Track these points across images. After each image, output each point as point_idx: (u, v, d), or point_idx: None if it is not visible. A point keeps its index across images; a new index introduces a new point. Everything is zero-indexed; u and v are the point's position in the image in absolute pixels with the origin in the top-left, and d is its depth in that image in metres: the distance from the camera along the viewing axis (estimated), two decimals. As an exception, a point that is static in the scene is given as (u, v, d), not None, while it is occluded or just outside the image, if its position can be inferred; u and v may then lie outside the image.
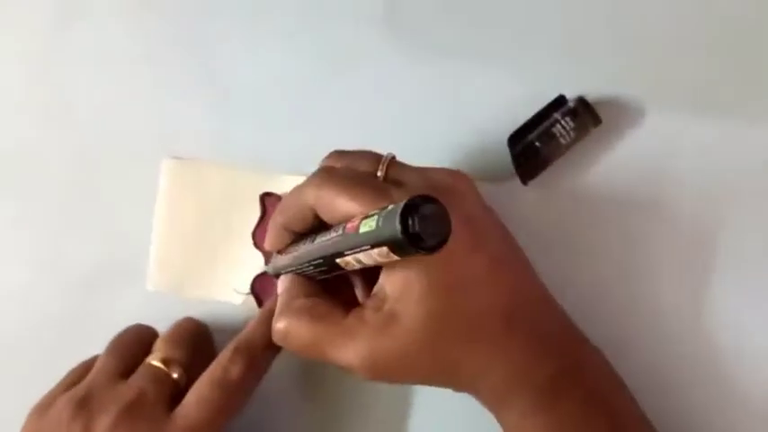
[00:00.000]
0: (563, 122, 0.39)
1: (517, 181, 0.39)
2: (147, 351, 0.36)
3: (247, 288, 0.41)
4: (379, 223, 0.26)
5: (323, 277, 0.34)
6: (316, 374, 0.40)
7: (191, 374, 0.35)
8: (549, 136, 0.39)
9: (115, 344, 0.37)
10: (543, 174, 0.39)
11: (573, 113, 0.39)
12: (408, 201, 0.25)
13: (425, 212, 0.25)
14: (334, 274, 0.32)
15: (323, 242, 0.31)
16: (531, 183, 0.39)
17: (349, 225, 0.28)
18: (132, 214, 0.41)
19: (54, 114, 0.42)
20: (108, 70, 0.42)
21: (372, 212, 0.27)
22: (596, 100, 0.39)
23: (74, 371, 0.37)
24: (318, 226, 0.33)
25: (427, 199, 0.25)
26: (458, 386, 0.34)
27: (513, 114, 0.40)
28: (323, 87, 0.41)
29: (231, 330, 0.39)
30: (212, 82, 0.42)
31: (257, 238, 0.41)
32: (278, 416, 0.40)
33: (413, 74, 0.41)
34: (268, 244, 0.36)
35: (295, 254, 0.34)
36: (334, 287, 0.34)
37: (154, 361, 0.35)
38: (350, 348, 0.31)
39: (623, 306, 0.39)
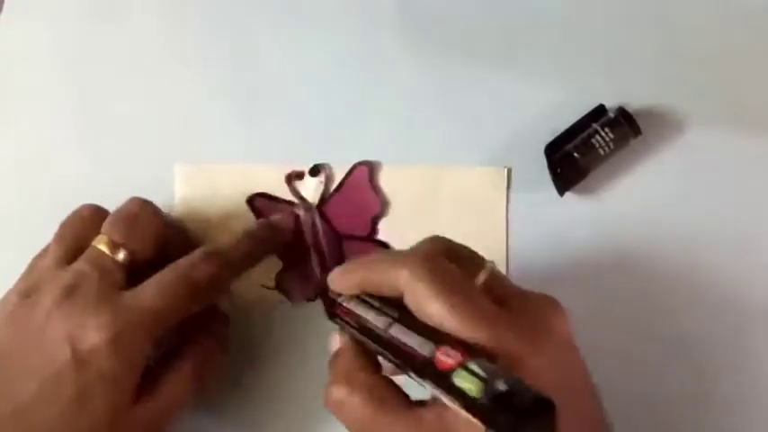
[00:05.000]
0: (602, 133, 0.38)
1: (554, 191, 0.39)
2: (97, 233, 0.34)
3: (272, 283, 0.40)
4: (482, 398, 0.23)
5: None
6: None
7: (145, 257, 0.34)
8: (587, 146, 0.38)
9: (60, 230, 0.35)
10: (580, 184, 0.39)
11: (612, 124, 0.38)
12: (527, 404, 0.22)
13: (537, 423, 0.22)
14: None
15: (401, 344, 0.27)
16: (568, 193, 0.39)
17: (442, 358, 0.25)
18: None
19: (83, 114, 0.41)
20: (138, 71, 0.42)
21: (477, 371, 0.24)
22: (636, 111, 0.39)
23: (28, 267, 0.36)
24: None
25: (546, 406, 0.22)
26: None
27: (551, 123, 0.39)
28: (359, 93, 0.41)
29: (257, 327, 0.39)
30: (238, 87, 0.41)
31: None
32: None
33: (446, 82, 0.41)
34: (338, 285, 0.32)
35: (363, 322, 0.30)
36: None
37: (97, 244, 0.34)
38: None
39: (660, 318, 0.39)
